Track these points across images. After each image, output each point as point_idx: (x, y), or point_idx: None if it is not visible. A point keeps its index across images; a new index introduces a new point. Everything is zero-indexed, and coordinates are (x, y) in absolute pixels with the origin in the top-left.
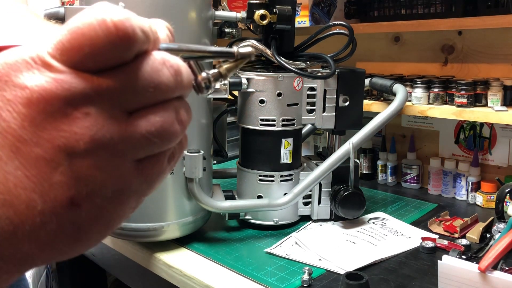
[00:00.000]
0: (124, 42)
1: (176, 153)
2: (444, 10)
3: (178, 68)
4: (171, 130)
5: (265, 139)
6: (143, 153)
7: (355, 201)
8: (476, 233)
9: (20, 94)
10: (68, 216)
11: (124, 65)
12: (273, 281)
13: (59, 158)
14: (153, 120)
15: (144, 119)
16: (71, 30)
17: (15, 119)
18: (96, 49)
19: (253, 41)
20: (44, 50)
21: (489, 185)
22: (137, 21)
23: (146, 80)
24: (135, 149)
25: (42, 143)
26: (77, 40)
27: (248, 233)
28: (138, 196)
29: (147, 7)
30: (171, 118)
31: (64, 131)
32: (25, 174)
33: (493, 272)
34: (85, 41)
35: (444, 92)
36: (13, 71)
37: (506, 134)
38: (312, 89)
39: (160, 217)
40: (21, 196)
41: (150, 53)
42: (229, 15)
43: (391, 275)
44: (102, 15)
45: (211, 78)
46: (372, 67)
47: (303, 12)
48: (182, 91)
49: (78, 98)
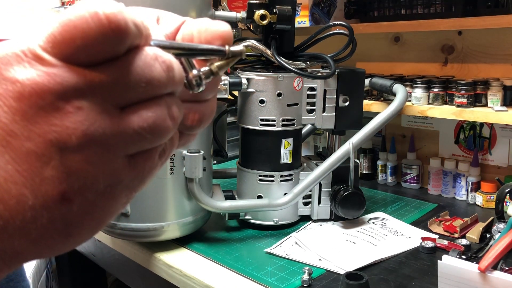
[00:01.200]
0: (116, 34)
1: (167, 149)
2: (444, 10)
3: (170, 64)
4: (163, 126)
5: (265, 139)
6: (135, 148)
7: (355, 201)
8: (476, 233)
9: (11, 88)
10: (59, 211)
11: (116, 59)
12: (273, 281)
13: (50, 152)
14: (145, 115)
15: (136, 114)
16: (63, 23)
17: (6, 113)
18: (88, 41)
19: (253, 41)
20: (35, 43)
21: (489, 185)
22: (130, 14)
23: (139, 75)
24: (127, 144)
25: (33, 137)
26: (69, 33)
27: (248, 233)
28: (130, 191)
29: (147, 7)
30: (163, 114)
31: (56, 125)
32: (15, 169)
33: (493, 272)
34: (77, 33)
35: (444, 92)
36: (3, 64)
37: (506, 134)
38: (312, 89)
39: (160, 217)
40: (11, 190)
41: (143, 48)
42: (229, 15)
43: (391, 275)
44: (94, 7)
45: (202, 76)
46: (372, 67)
47: (303, 12)
48: (174, 87)
49: (70, 92)
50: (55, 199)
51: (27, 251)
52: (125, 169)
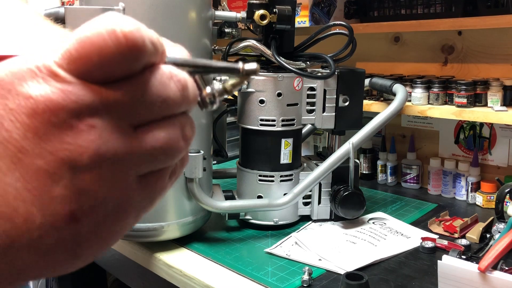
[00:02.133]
0: (133, 52)
1: (177, 169)
2: (444, 10)
3: (185, 83)
4: (176, 147)
5: (265, 139)
6: (146, 168)
7: (355, 201)
8: (476, 233)
9: (24, 104)
10: (68, 230)
11: (132, 77)
12: (273, 281)
13: (61, 171)
14: (158, 135)
15: (150, 134)
16: (80, 39)
17: (18, 129)
18: (105, 59)
19: (253, 41)
20: (51, 59)
21: (489, 185)
22: (147, 31)
23: (154, 94)
24: (139, 164)
25: (44, 155)
26: (86, 49)
27: (248, 233)
28: (138, 211)
29: (147, 7)
30: (176, 135)
31: (68, 143)
32: (25, 186)
33: (493, 272)
34: (94, 50)
35: (444, 92)
36: (17, 79)
37: (506, 134)
38: (312, 89)
39: (160, 217)
40: (19, 208)
41: (158, 66)
42: (229, 15)
43: (391, 275)
44: (112, 24)
45: (216, 94)
46: (372, 67)
47: (303, 12)
48: (188, 107)
49: (84, 110)
50: (63, 219)
51: (30, 270)
52: (136, 189)
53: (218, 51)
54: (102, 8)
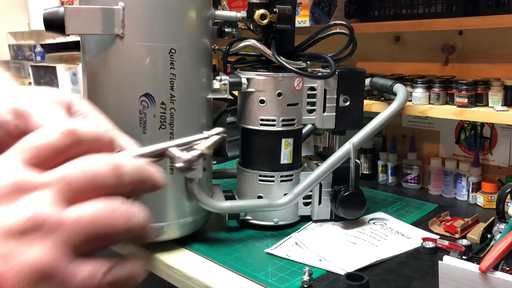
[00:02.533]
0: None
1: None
2: (444, 10)
3: (119, 166)
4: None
5: (265, 139)
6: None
7: (356, 202)
8: (477, 234)
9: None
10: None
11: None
12: (273, 282)
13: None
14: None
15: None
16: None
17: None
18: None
19: (253, 40)
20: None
21: (490, 185)
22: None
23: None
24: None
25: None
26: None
27: (248, 233)
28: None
29: (147, 7)
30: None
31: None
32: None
33: (494, 272)
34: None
35: (444, 92)
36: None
37: (507, 134)
38: (312, 89)
39: (160, 217)
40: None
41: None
42: (229, 14)
43: (391, 276)
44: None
45: (193, 160)
46: (373, 67)
47: (303, 11)
48: (126, 186)
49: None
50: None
51: None
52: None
53: (218, 51)
54: (102, 8)
